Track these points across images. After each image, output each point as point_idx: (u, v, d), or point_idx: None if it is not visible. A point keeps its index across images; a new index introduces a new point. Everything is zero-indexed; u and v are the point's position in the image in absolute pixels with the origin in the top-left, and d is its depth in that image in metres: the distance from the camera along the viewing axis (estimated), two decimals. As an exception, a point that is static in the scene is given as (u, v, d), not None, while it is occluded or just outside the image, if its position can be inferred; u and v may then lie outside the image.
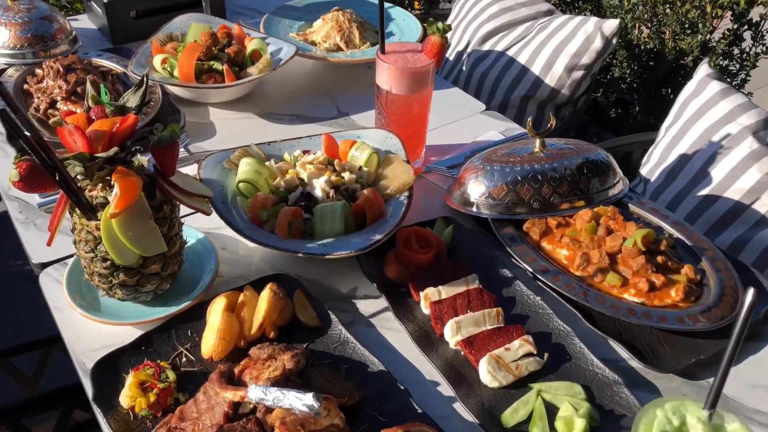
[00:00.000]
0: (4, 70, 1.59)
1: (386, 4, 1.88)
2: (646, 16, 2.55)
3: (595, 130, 2.79)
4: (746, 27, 2.47)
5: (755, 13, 2.50)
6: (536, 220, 1.20)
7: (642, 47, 2.56)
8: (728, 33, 2.47)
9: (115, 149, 0.91)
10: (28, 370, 1.37)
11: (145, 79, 0.97)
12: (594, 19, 1.87)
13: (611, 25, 1.84)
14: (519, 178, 1.21)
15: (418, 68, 1.25)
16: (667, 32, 2.50)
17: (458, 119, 1.57)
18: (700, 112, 1.58)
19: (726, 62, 2.56)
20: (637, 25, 2.60)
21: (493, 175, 1.23)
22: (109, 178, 0.94)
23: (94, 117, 0.95)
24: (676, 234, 1.21)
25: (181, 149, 1.41)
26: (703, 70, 1.64)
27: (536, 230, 1.20)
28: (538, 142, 1.27)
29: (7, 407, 1.21)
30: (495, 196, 1.21)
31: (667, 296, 1.08)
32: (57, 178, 0.89)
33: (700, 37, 2.40)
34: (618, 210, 1.20)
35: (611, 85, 2.72)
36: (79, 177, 0.94)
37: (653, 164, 1.65)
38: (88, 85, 0.98)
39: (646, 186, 1.65)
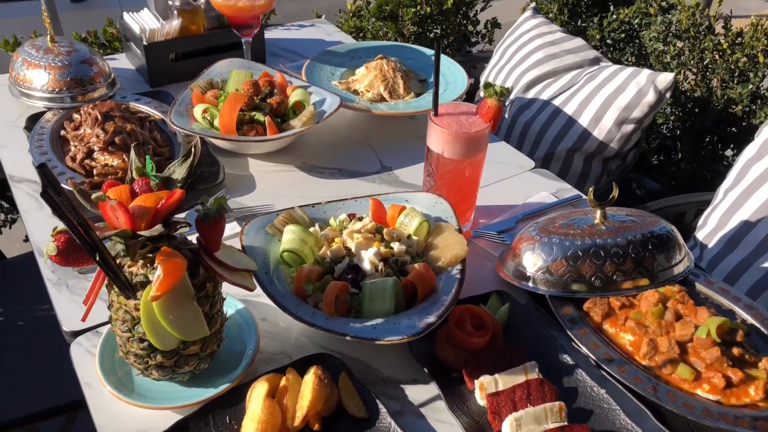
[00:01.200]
0: (43, 113, 1.56)
1: (429, 51, 1.83)
2: (692, 62, 2.47)
3: (634, 175, 2.70)
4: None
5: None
6: (597, 299, 1.12)
7: (688, 94, 2.48)
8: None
9: (159, 228, 0.85)
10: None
11: (193, 150, 0.91)
12: (647, 72, 1.80)
13: (665, 78, 1.77)
14: (579, 253, 1.13)
15: (473, 133, 1.18)
16: (715, 80, 2.41)
17: (506, 177, 1.50)
18: (764, 176, 1.49)
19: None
20: (682, 71, 2.52)
21: (551, 248, 1.15)
22: (151, 255, 0.88)
23: (137, 190, 0.89)
24: (750, 320, 1.12)
25: (220, 205, 1.35)
26: (766, 131, 1.56)
27: (598, 311, 1.11)
28: (599, 213, 1.19)
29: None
30: (553, 272, 1.14)
31: (745, 394, 0.99)
32: (98, 259, 0.83)
33: (751, 86, 2.31)
34: (686, 291, 1.11)
35: (653, 130, 2.63)
36: (120, 255, 0.88)
37: (710, 229, 1.56)
38: (132, 154, 0.93)
39: (702, 252, 1.56)
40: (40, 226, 1.30)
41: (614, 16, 2.71)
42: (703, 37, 2.42)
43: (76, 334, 1.09)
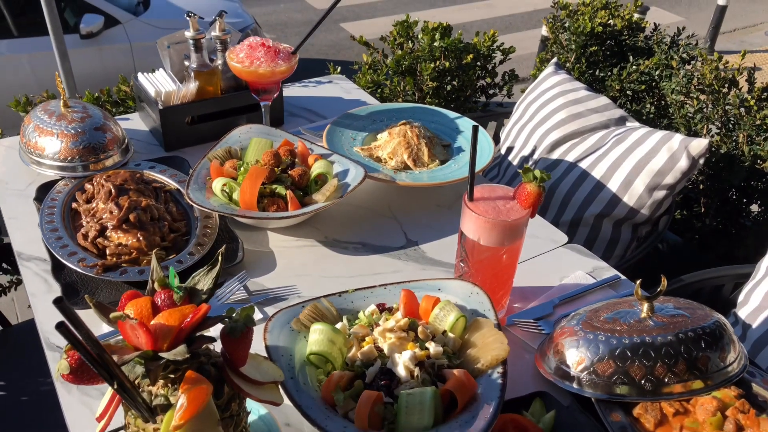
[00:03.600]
0: (54, 182, 1.50)
1: (452, 114, 1.77)
2: (716, 116, 2.41)
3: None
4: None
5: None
6: (648, 405, 1.04)
7: (713, 149, 2.42)
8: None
9: (183, 351, 0.77)
10: None
11: (220, 258, 0.84)
12: (679, 137, 1.73)
13: (699, 145, 1.71)
14: (628, 353, 1.05)
15: (513, 221, 1.11)
16: (741, 136, 2.35)
17: (539, 254, 1.43)
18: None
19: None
20: (706, 125, 2.46)
21: (597, 345, 1.07)
22: (172, 375, 0.81)
23: (159, 304, 0.82)
24: (814, 428, 1.04)
25: (240, 287, 1.28)
26: (811, 205, 1.49)
27: (650, 418, 1.03)
28: (646, 306, 1.12)
29: None
30: (600, 372, 1.06)
31: None
32: (116, 387, 0.76)
33: (777, 144, 2.25)
34: (746, 400, 1.03)
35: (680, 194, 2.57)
36: (139, 378, 0.80)
37: (753, 307, 1.48)
38: (154, 261, 0.86)
39: (746, 333, 1.48)
40: (47, 312, 1.23)
41: (633, 67, 2.67)
42: (728, 91, 2.37)
43: (86, 441, 1.01)
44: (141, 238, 1.31)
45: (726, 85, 2.37)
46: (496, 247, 1.14)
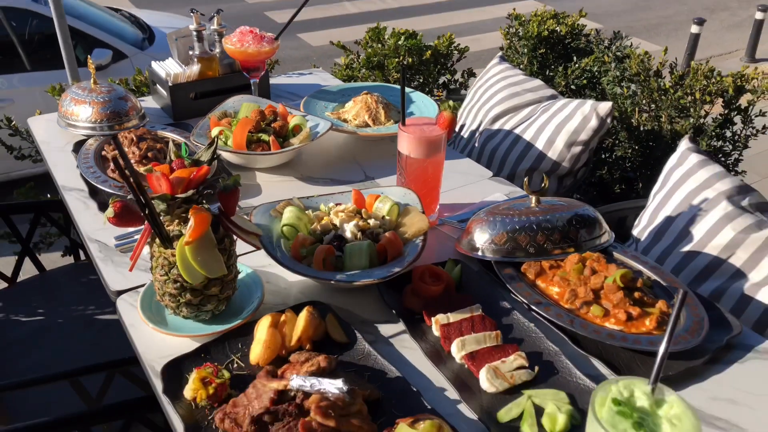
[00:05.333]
0: (86, 140, 1.90)
1: (408, 90, 2.18)
2: (644, 101, 2.83)
3: (602, 205, 3.01)
4: (736, 112, 2.73)
5: (745, 100, 2.76)
6: (532, 262, 1.42)
7: (641, 129, 2.82)
8: (720, 117, 2.73)
9: (191, 191, 1.16)
10: (92, 391, 1.60)
11: (216, 139, 1.23)
12: (590, 102, 2.14)
13: (605, 106, 2.11)
14: (517, 228, 1.43)
15: (433, 136, 1.51)
16: (664, 116, 2.76)
17: (469, 183, 1.82)
18: (682, 180, 1.81)
19: (720, 143, 2.79)
20: (636, 109, 2.87)
21: (495, 225, 1.45)
22: (185, 215, 1.19)
23: (175, 167, 1.21)
24: (654, 276, 1.41)
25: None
26: (684, 144, 1.88)
27: (532, 271, 1.41)
28: (533, 198, 1.50)
29: (75, 416, 1.42)
30: (497, 243, 1.43)
31: (642, 325, 1.27)
32: (147, 212, 1.14)
33: (692, 120, 2.66)
34: (602, 255, 1.41)
35: (615, 163, 2.96)
36: (161, 213, 1.18)
37: (643, 226, 1.86)
38: (171, 144, 1.25)
39: (638, 245, 1.85)
40: (87, 220, 1.61)
41: (576, 65, 3.10)
42: (652, 80, 2.78)
43: (120, 293, 1.38)
44: (152, 168, 1.70)
45: (650, 74, 2.79)
46: (422, 159, 1.53)
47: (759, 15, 8.68)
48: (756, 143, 6.52)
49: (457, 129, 2.56)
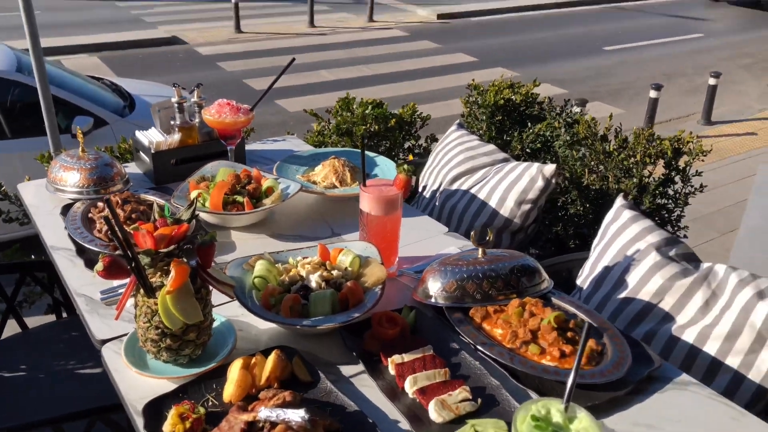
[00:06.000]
0: (73, 203, 2.05)
1: (373, 154, 2.38)
2: (592, 163, 3.07)
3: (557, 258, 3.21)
4: (675, 172, 2.98)
5: (683, 161, 3.02)
6: (479, 307, 1.58)
7: (591, 188, 3.05)
8: (662, 177, 2.98)
9: (173, 246, 1.32)
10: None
11: (195, 201, 1.40)
12: (536, 164, 2.36)
13: (549, 168, 2.33)
14: (465, 277, 1.60)
15: (390, 196, 1.69)
16: (610, 176, 3.00)
17: (426, 238, 2.00)
18: (617, 233, 2.01)
19: (663, 201, 3.03)
20: (586, 170, 3.11)
21: (446, 274, 1.62)
22: (166, 267, 1.35)
23: (158, 226, 1.37)
24: (587, 319, 1.58)
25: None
26: (619, 201, 2.10)
27: (479, 315, 1.57)
28: (480, 250, 1.68)
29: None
30: (448, 290, 1.60)
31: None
32: (133, 265, 1.30)
33: (636, 180, 2.90)
34: (540, 300, 1.58)
35: (570, 220, 3.18)
36: (146, 266, 1.34)
37: (586, 275, 2.05)
38: (155, 206, 1.41)
39: (582, 292, 2.03)
40: (74, 277, 1.75)
41: (531, 130, 3.35)
42: (598, 144, 3.04)
43: (104, 342, 1.51)
44: (138, 227, 1.85)
45: (597, 138, 3.04)
46: (381, 216, 1.71)
47: (712, 81, 9.24)
48: (715, 202, 6.87)
49: (420, 189, 2.77)
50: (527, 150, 3.37)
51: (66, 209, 2.05)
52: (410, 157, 3.44)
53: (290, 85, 9.91)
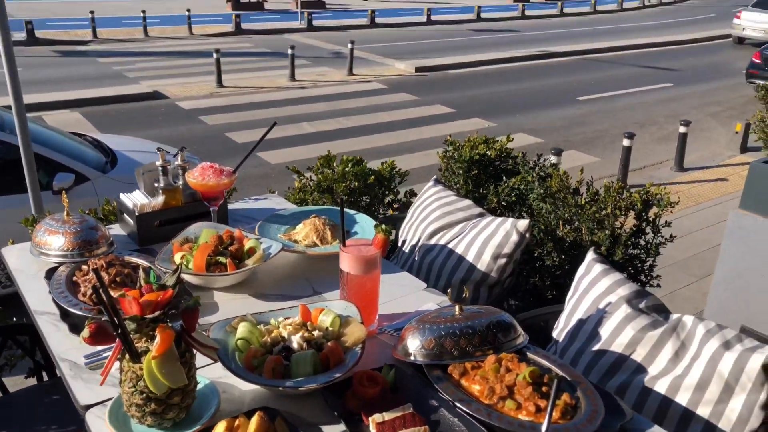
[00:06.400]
0: (58, 266, 2.08)
1: (353, 211, 2.46)
2: (565, 215, 3.17)
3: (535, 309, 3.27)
4: (646, 223, 3.09)
5: (653, 213, 3.13)
6: (457, 364, 1.63)
7: (566, 240, 3.14)
8: (633, 228, 3.08)
9: (158, 312, 1.36)
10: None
11: (179, 267, 1.45)
12: (511, 219, 2.45)
13: (523, 223, 2.42)
14: (443, 334, 1.65)
15: (369, 256, 1.75)
16: (583, 228, 3.10)
17: (405, 295, 2.05)
18: (589, 286, 2.08)
19: (636, 251, 3.12)
20: (560, 222, 3.21)
21: (425, 332, 1.67)
22: (152, 332, 1.38)
23: (144, 292, 1.41)
24: (561, 373, 1.63)
25: (193, 321, 1.85)
26: (590, 255, 2.18)
27: (457, 372, 1.62)
28: (457, 307, 1.74)
29: None
30: (427, 348, 1.65)
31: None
32: (119, 331, 1.33)
33: (607, 231, 2.99)
34: (516, 355, 1.63)
35: (546, 271, 3.25)
36: (132, 332, 1.37)
37: (561, 328, 2.11)
38: (141, 272, 1.46)
39: (557, 345, 2.09)
40: (58, 341, 1.77)
41: (506, 184, 3.46)
42: (569, 197, 3.14)
43: (88, 407, 1.53)
44: (125, 293, 1.88)
45: (569, 192, 3.15)
46: (360, 275, 1.77)
47: (682, 129, 9.54)
48: (690, 247, 7.01)
49: (399, 244, 2.83)
50: (503, 203, 3.47)
51: (50, 273, 2.08)
52: (391, 212, 3.52)
53: (272, 137, 10.03)
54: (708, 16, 30.13)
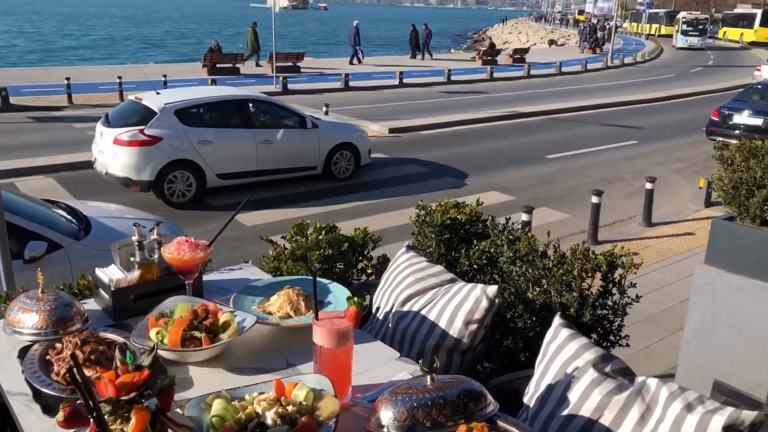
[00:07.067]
0: (31, 345, 2.09)
1: (326, 281, 2.51)
2: (535, 278, 3.25)
3: (511, 371, 3.30)
4: (612, 284, 3.18)
5: (618, 274, 3.23)
6: (423, 434, 1.66)
7: (536, 302, 3.22)
8: (600, 289, 3.17)
9: (134, 393, 1.39)
10: None
11: (155, 346, 1.49)
12: (480, 285, 2.52)
13: (492, 289, 2.49)
14: (415, 405, 1.69)
15: (341, 329, 1.80)
16: (552, 290, 3.18)
17: (379, 365, 2.09)
18: (557, 351, 2.14)
19: (604, 312, 3.21)
20: (530, 285, 3.29)
21: (397, 404, 1.71)
22: (127, 414, 1.41)
23: (120, 373, 1.44)
24: (530, 440, 1.68)
25: (167, 398, 1.86)
26: (557, 320, 2.25)
27: (403, 441, 1.65)
28: (428, 378, 1.78)
29: None
30: (399, 419, 1.68)
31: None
32: (94, 415, 1.35)
33: (575, 294, 3.08)
34: (486, 424, 1.67)
35: (519, 333, 3.31)
36: (107, 414, 1.39)
37: (531, 394, 2.16)
38: (117, 353, 1.49)
39: (528, 411, 2.13)
40: (31, 423, 1.77)
41: (477, 248, 3.55)
42: (537, 261, 3.23)
43: (62, 491, 1.52)
44: (99, 372, 1.90)
45: (537, 255, 3.25)
46: (333, 348, 1.81)
47: (648, 185, 9.83)
48: (661, 301, 7.16)
49: (373, 311, 2.88)
50: (474, 266, 3.55)
51: (23, 351, 2.08)
52: (365, 277, 3.57)
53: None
54: (668, 76, 31.47)
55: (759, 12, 52.24)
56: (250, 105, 10.77)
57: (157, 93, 10.59)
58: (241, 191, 10.26)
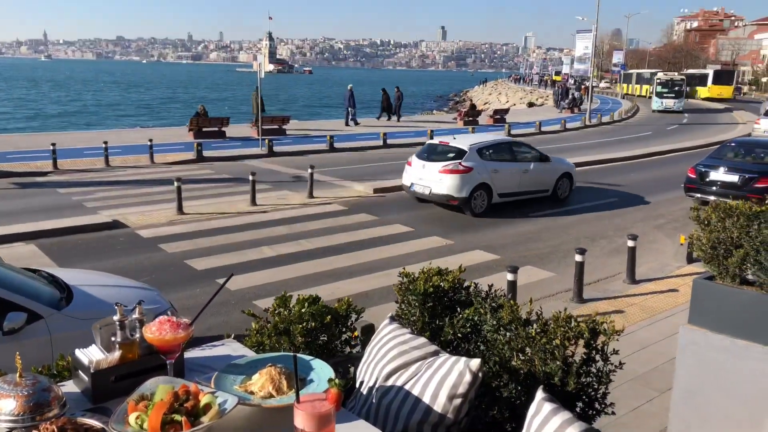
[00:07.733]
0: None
1: (309, 357, 2.50)
2: (519, 346, 3.25)
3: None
4: (595, 351, 3.19)
5: (601, 341, 3.25)
6: None
7: (520, 371, 3.21)
8: (583, 356, 3.18)
9: (111, 490, 1.37)
10: None
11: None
12: (463, 359, 2.52)
13: (475, 363, 2.50)
14: (398, 490, 1.68)
15: (323, 413, 1.80)
16: (536, 359, 3.18)
17: (361, 446, 2.07)
18: (540, 426, 2.14)
19: (588, 379, 3.20)
20: (515, 354, 3.29)
21: (379, 489, 1.69)
22: None
23: (97, 468, 1.42)
24: None
25: (146, 487, 1.82)
26: (539, 394, 2.25)
27: None
28: (411, 461, 1.77)
29: None
30: (382, 506, 1.66)
31: None
32: None
33: (558, 362, 3.08)
34: None
35: (504, 403, 3.28)
36: None
37: (518, 468, 2.14)
38: (94, 446, 1.47)
39: (514, 489, 2.10)
40: None
41: (461, 316, 3.56)
42: (520, 329, 3.25)
43: None
44: (76, 460, 1.86)
45: (520, 323, 3.26)
46: (315, 431, 1.80)
47: (630, 243, 9.92)
48: (650, 360, 7.16)
49: (357, 385, 2.86)
50: (458, 334, 3.55)
51: (-1, 439, 2.04)
52: (349, 349, 3.55)
53: (231, 263, 10.05)
54: (645, 134, 32.30)
55: (711, 72, 63.36)
56: (514, 145, 14.91)
57: (454, 138, 15.34)
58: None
